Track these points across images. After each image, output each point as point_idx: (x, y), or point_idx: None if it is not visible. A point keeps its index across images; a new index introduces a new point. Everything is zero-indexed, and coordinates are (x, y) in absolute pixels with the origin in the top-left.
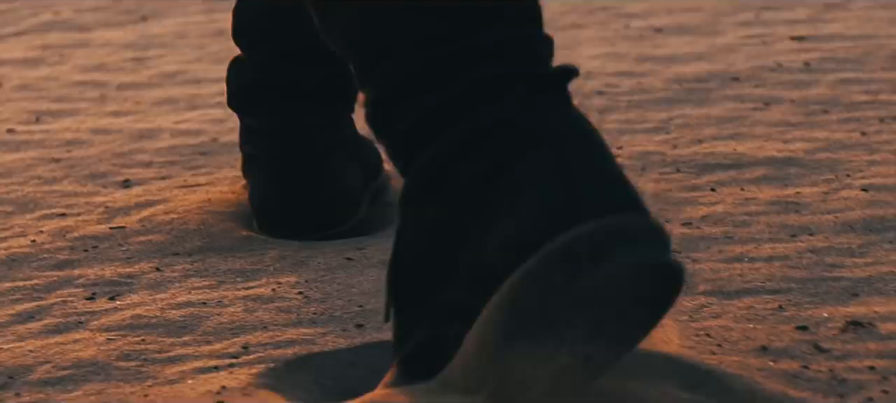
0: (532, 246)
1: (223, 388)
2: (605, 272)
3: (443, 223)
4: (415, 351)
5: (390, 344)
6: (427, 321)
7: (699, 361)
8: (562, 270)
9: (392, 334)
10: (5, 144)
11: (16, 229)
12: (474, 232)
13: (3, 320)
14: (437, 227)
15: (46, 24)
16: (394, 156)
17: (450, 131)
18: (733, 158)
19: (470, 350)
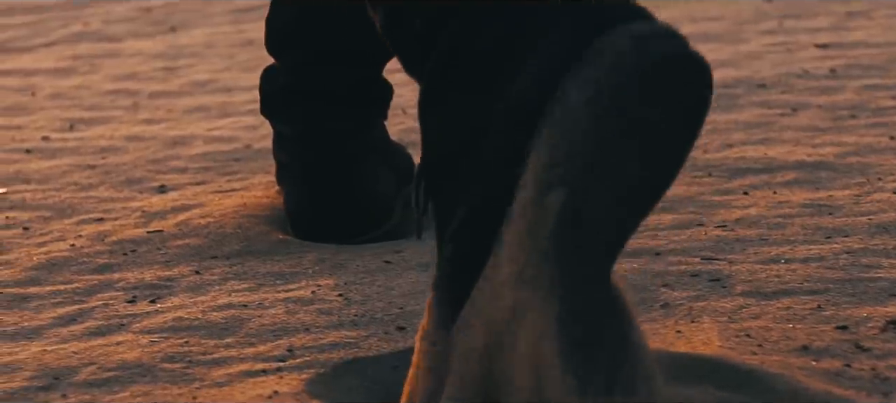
0: (566, 62)
1: (275, 393)
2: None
3: (467, 96)
4: (462, 229)
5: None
6: (466, 193)
7: (740, 361)
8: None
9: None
10: (41, 151)
11: (54, 234)
12: (500, 87)
13: (45, 322)
14: (461, 106)
15: (76, 34)
16: (410, 62)
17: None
18: (764, 162)
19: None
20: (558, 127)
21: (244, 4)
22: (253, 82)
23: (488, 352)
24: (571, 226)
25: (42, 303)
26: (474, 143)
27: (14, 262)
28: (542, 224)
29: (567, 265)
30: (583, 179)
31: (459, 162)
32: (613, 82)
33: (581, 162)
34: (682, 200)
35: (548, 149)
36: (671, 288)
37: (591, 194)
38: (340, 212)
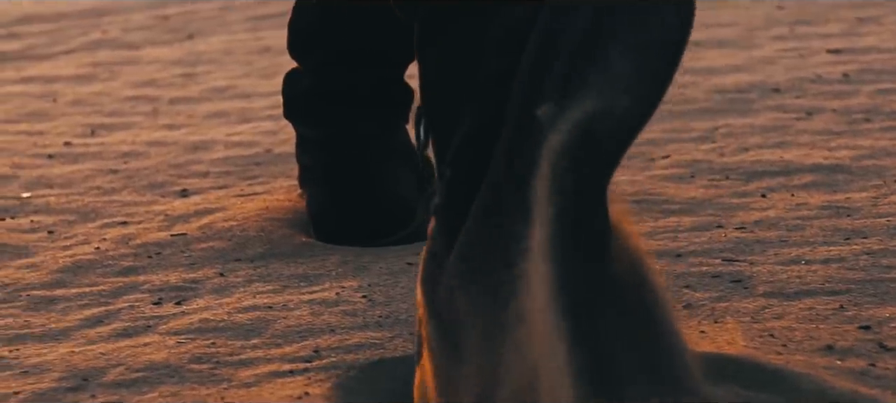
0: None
1: (306, 394)
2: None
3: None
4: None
5: None
6: (470, 112)
7: (766, 361)
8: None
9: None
10: (63, 156)
11: (79, 237)
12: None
13: (72, 324)
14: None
15: (95, 42)
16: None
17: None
18: (781, 165)
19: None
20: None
21: (261, 12)
22: (271, 89)
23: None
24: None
25: (69, 305)
26: (470, 71)
27: (40, 265)
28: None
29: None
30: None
31: (456, 91)
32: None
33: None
34: (700, 203)
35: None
36: (693, 289)
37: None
38: (363, 215)
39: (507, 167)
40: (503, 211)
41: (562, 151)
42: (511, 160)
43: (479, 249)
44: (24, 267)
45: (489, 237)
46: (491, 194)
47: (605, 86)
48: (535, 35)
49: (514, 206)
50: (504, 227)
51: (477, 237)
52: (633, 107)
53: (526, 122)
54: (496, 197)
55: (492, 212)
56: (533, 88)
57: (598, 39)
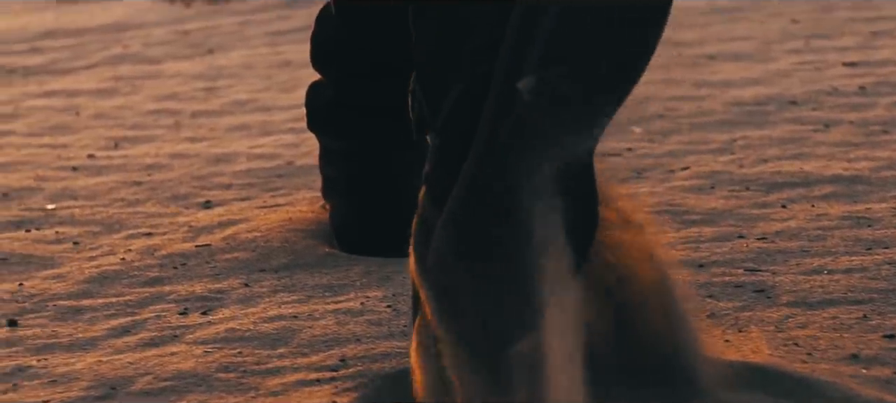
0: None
1: (333, 402)
2: None
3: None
4: (455, 108)
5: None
6: (457, 77)
7: (791, 369)
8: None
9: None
10: (87, 169)
11: (104, 248)
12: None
13: (99, 334)
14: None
15: (117, 56)
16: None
17: None
18: (800, 177)
19: None
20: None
21: (280, 27)
22: (292, 102)
23: None
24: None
25: (95, 315)
26: (458, 43)
27: (66, 276)
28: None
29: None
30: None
31: (445, 62)
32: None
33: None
34: (721, 213)
35: (518, 40)
36: (716, 299)
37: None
38: (386, 226)
39: (489, 137)
40: (487, 181)
41: (543, 121)
42: (494, 131)
43: (465, 217)
44: (51, 278)
45: (475, 205)
46: (476, 164)
47: (585, 57)
48: (518, 7)
49: (496, 176)
50: (488, 196)
51: (464, 205)
52: (615, 76)
53: (507, 94)
54: (480, 167)
55: (477, 182)
56: (514, 61)
57: (577, 11)
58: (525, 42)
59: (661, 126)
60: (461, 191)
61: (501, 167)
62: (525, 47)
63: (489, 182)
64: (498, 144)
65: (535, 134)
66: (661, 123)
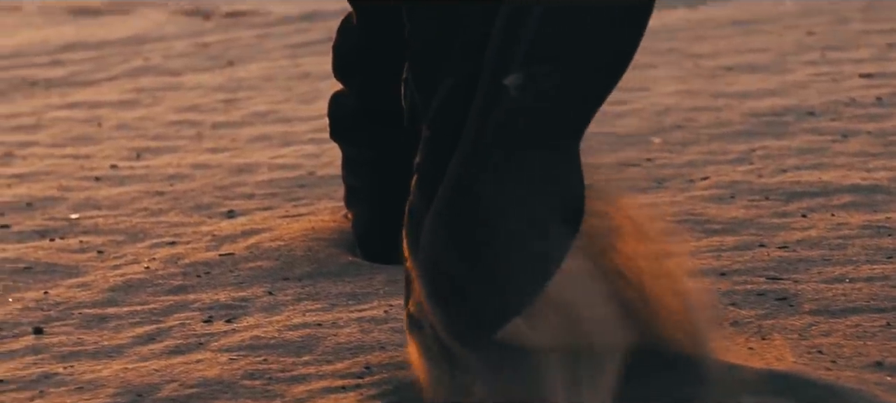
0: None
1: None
2: None
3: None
4: (443, 104)
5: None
6: (449, 71)
7: (816, 377)
8: None
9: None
10: (110, 179)
11: (129, 257)
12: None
13: (124, 342)
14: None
15: (137, 69)
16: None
17: None
18: (819, 186)
19: None
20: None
21: (298, 40)
22: (312, 113)
23: None
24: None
25: (120, 323)
26: (452, 37)
27: (91, 284)
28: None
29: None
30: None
31: (437, 57)
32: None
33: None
34: (741, 222)
35: (505, 38)
36: (739, 307)
37: (548, 77)
38: None
39: (476, 135)
40: (472, 179)
41: (528, 117)
42: (480, 128)
43: (451, 216)
44: (76, 286)
45: (461, 204)
46: (461, 163)
47: (570, 54)
48: (505, 6)
49: (481, 174)
50: (473, 195)
51: (449, 205)
52: (599, 72)
53: (494, 91)
54: (466, 166)
55: (462, 181)
56: (502, 58)
57: (562, 10)
58: (511, 39)
59: (681, 136)
60: (447, 190)
61: (486, 165)
62: (511, 45)
63: (474, 180)
64: (484, 142)
65: (521, 130)
66: (680, 134)
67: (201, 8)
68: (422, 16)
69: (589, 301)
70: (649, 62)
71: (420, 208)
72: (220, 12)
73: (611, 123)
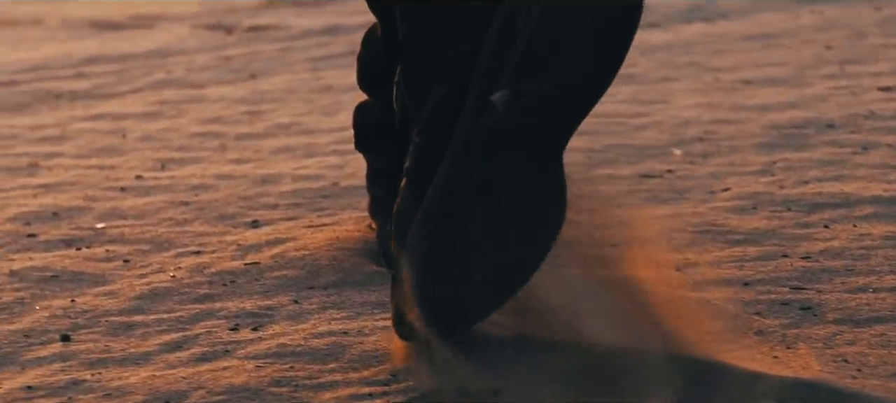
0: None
1: None
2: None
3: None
4: (433, 112)
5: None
6: (439, 80)
7: (842, 385)
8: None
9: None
10: (135, 189)
11: (154, 266)
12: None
13: (151, 349)
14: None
15: (160, 81)
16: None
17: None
18: (841, 197)
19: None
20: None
21: (319, 53)
22: (334, 125)
23: None
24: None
25: (147, 331)
26: (441, 50)
27: (117, 292)
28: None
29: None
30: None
31: (428, 67)
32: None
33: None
34: (763, 233)
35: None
36: (763, 317)
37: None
38: None
39: (465, 143)
40: (462, 183)
41: (514, 132)
42: (469, 136)
43: (440, 216)
44: (102, 295)
45: (449, 205)
46: (452, 166)
47: (557, 74)
48: (496, 22)
49: (470, 178)
50: (462, 197)
51: (439, 205)
52: (582, 90)
53: (482, 106)
54: (456, 169)
55: (452, 183)
56: (490, 74)
57: (551, 28)
58: (500, 57)
59: (701, 148)
60: (437, 190)
61: (475, 170)
62: (500, 62)
63: (463, 184)
64: (473, 150)
65: (507, 142)
66: (700, 146)
67: (223, 22)
68: (415, 26)
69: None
70: (669, 75)
71: (408, 208)
72: (242, 26)
73: (631, 135)
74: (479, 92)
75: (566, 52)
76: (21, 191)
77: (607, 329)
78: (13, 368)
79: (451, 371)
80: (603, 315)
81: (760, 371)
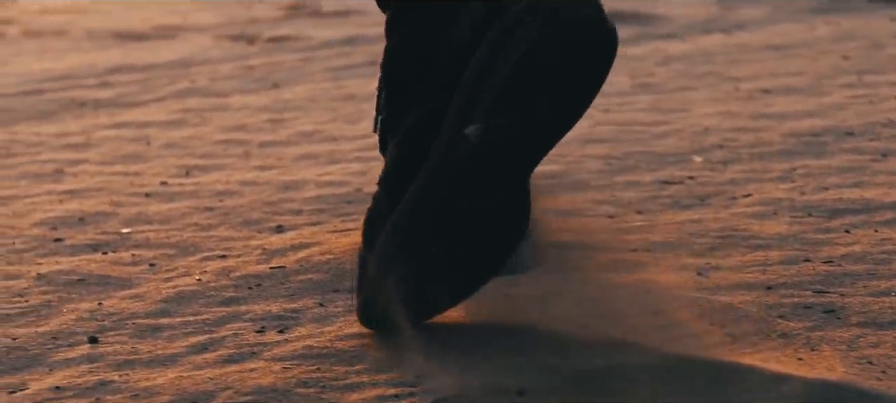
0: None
1: None
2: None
3: (419, 26)
4: (411, 130)
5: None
6: (417, 105)
7: (868, 387)
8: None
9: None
10: (159, 195)
11: (180, 270)
12: (446, 22)
13: (178, 351)
14: (415, 31)
15: (184, 90)
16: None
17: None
18: (862, 203)
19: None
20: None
21: (341, 63)
22: (357, 133)
23: None
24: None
25: (174, 333)
26: (425, 67)
27: (144, 295)
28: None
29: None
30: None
31: (412, 78)
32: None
33: (501, 103)
34: (785, 238)
35: (472, 90)
36: (787, 319)
37: (505, 130)
38: None
39: (435, 169)
40: (428, 204)
41: (483, 163)
42: (440, 164)
43: (410, 227)
44: (129, 298)
45: (419, 216)
46: (421, 187)
47: (530, 112)
48: (478, 55)
49: (437, 199)
50: (431, 212)
51: (411, 212)
52: (553, 128)
53: (456, 137)
54: (424, 191)
55: (420, 204)
56: (466, 107)
57: (530, 69)
58: (478, 92)
59: (722, 155)
60: (408, 205)
61: (445, 191)
62: (477, 96)
63: (433, 203)
64: (444, 174)
65: (477, 171)
66: (720, 153)
67: (245, 33)
68: (403, 41)
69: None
70: (687, 85)
71: (379, 214)
72: (264, 37)
73: (650, 143)
74: (454, 122)
75: (542, 91)
76: (47, 197)
77: (631, 330)
78: (41, 369)
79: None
80: (626, 316)
81: (786, 373)
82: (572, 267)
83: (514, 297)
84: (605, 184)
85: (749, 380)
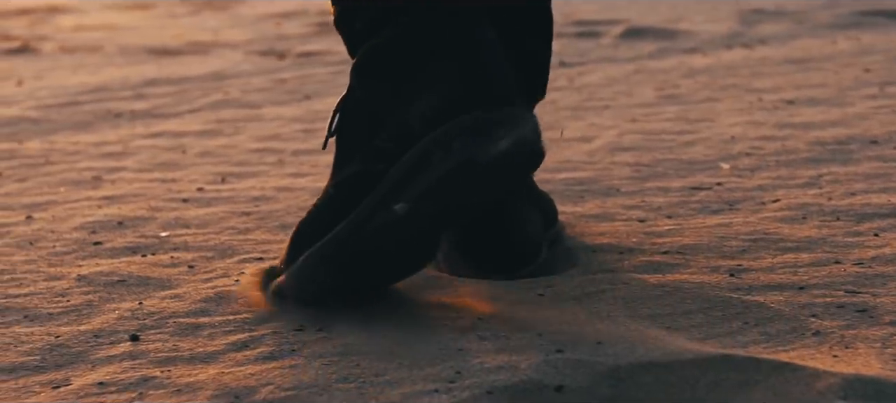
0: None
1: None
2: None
3: (379, 91)
4: (349, 178)
5: (590, 363)
6: (361, 157)
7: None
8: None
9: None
10: (197, 201)
11: (219, 271)
12: (401, 101)
13: (219, 348)
14: (374, 93)
15: (218, 102)
16: (351, 46)
17: (389, 29)
18: (889, 208)
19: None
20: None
21: None
22: None
23: None
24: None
25: (214, 331)
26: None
27: (183, 296)
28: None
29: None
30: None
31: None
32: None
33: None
34: (815, 241)
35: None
36: (820, 318)
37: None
38: (491, 252)
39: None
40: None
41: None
42: (364, 220)
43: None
44: (169, 298)
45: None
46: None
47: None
48: (418, 148)
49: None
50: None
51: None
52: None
53: (386, 208)
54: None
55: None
56: (399, 186)
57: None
58: (411, 175)
59: (749, 163)
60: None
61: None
62: (411, 181)
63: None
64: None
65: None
66: (748, 160)
67: (275, 48)
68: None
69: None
70: (712, 96)
71: (307, 237)
72: (294, 52)
73: (679, 151)
74: (385, 193)
75: (467, 193)
76: (86, 203)
77: (667, 328)
78: (84, 366)
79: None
80: (660, 315)
81: (822, 369)
82: (606, 269)
83: (549, 297)
84: (634, 190)
85: (787, 377)
